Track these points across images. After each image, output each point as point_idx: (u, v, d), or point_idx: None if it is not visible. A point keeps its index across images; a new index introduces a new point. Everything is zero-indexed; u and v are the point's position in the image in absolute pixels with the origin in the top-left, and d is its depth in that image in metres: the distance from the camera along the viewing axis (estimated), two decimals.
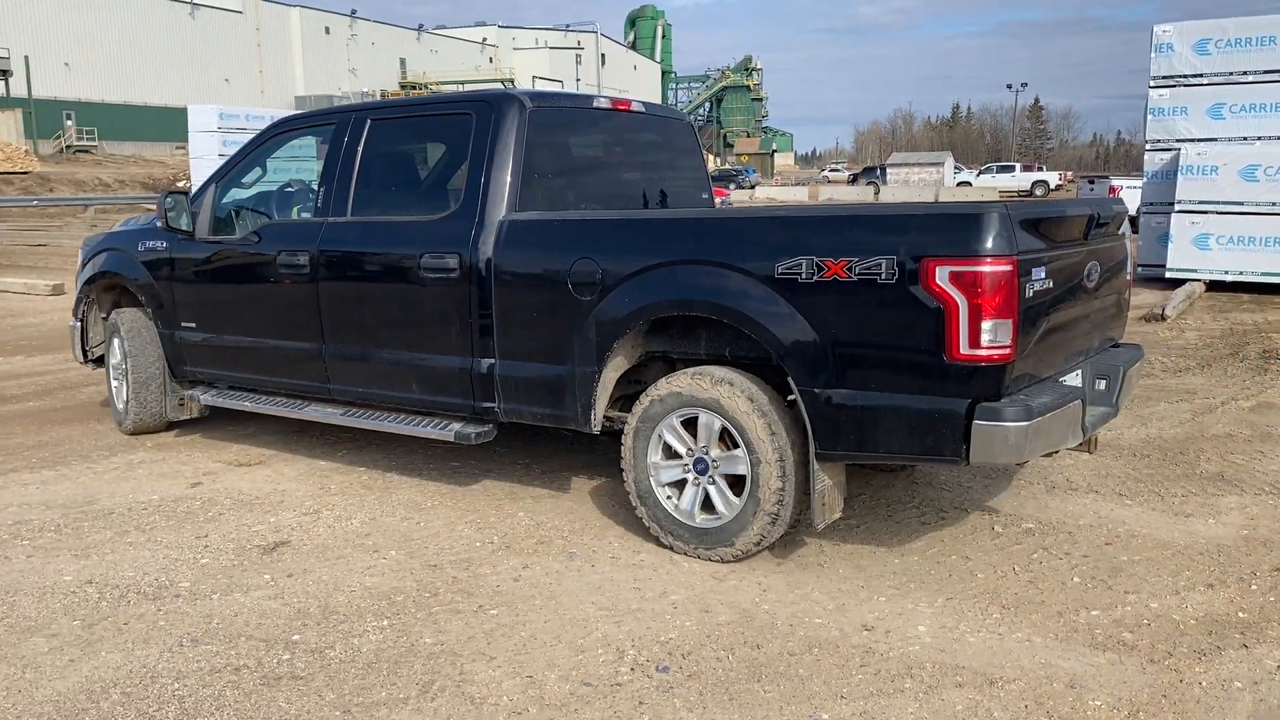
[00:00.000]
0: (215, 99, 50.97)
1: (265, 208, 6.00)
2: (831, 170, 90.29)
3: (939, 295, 3.64)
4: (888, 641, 3.56)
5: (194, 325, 6.00)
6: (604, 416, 4.62)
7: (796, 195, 50.59)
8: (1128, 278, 4.95)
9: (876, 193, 49.40)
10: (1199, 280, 12.84)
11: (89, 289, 6.63)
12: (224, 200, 5.93)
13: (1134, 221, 21.90)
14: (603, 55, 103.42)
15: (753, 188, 57.51)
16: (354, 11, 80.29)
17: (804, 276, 3.90)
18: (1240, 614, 3.74)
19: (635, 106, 5.83)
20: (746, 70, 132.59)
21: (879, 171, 59.89)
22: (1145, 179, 14.28)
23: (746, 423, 4.10)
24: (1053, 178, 58.47)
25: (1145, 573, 4.13)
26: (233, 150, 6.98)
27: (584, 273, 4.48)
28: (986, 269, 3.58)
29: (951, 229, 3.70)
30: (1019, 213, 3.73)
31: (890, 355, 3.81)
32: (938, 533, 4.62)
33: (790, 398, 4.13)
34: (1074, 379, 4.37)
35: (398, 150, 5.52)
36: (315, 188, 5.59)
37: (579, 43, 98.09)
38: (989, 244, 3.58)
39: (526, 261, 4.70)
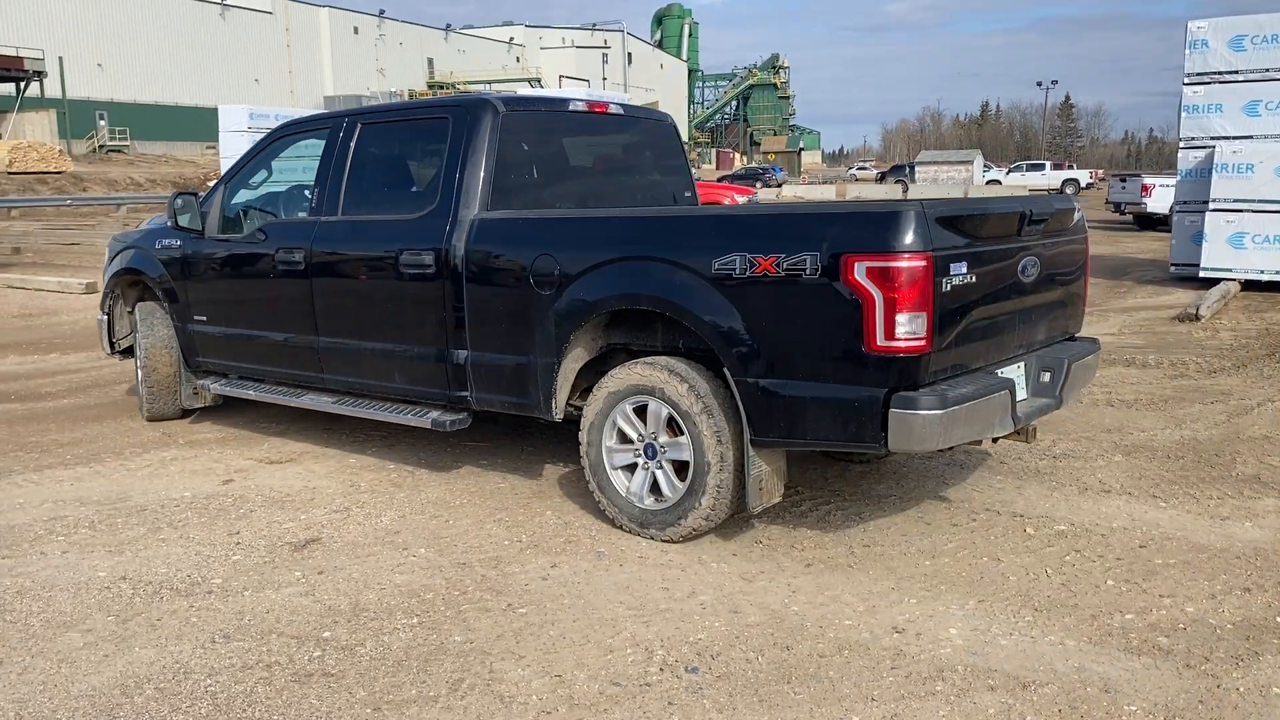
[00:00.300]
0: (245, 99, 51.42)
1: (273, 207, 6.23)
2: (859, 168, 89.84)
3: (857, 289, 3.83)
4: (918, 644, 3.54)
5: (205, 319, 6.35)
6: (568, 405, 4.85)
7: (823, 193, 50.35)
8: (1083, 273, 5.10)
9: (905, 191, 49.08)
10: (1234, 280, 12.66)
11: (114, 284, 6.98)
12: (234, 200, 6.23)
13: (1167, 220, 21.72)
14: (629, 54, 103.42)
15: (779, 186, 57.30)
16: (382, 11, 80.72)
17: (738, 272, 4.11)
18: (1279, 619, 3.69)
19: (613, 109, 6.04)
20: (774, 68, 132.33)
21: (907, 170, 59.51)
22: (1179, 177, 14.11)
23: (689, 410, 4.31)
24: (1083, 176, 57.92)
25: (1181, 576, 4.08)
26: None
27: (543, 269, 4.73)
28: (901, 264, 3.77)
29: (869, 227, 3.91)
30: (936, 210, 3.90)
31: (815, 346, 4.02)
32: (969, 535, 4.58)
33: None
34: (1015, 370, 4.51)
35: (384, 153, 5.75)
36: (310, 188, 5.87)
37: (605, 42, 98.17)
38: (903, 241, 3.77)
39: (494, 258, 4.95)
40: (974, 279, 4.05)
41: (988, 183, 52.70)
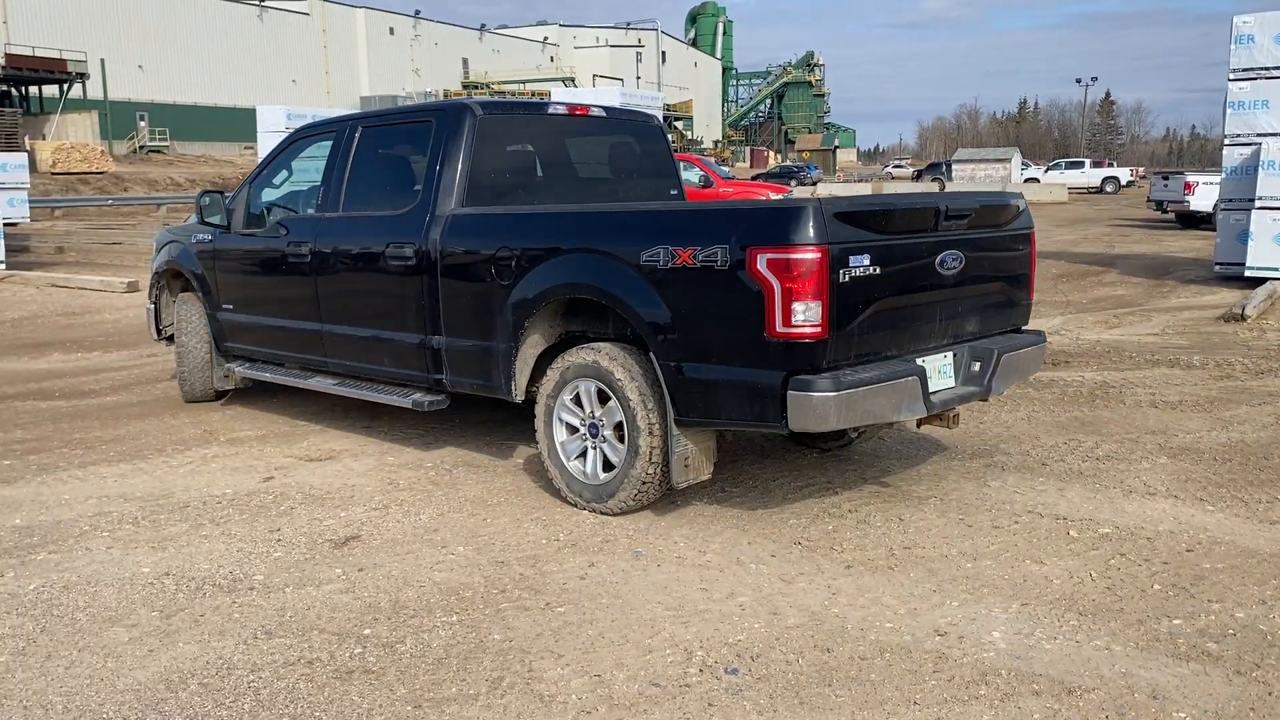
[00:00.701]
0: (283, 99, 51.91)
1: (291, 205, 6.62)
2: (895, 166, 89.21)
3: (760, 279, 4.12)
4: (961, 647, 3.50)
5: (231, 307, 6.84)
6: (529, 388, 5.17)
7: (859, 191, 50.10)
8: (1026, 268, 5.28)
9: (942, 189, 48.71)
10: None
11: (159, 276, 7.50)
12: (257, 198, 6.69)
13: (1211, 218, 21.39)
14: (663, 53, 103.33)
15: (814, 184, 57.03)
16: (418, 12, 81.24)
17: (661, 264, 4.44)
18: None
19: (594, 111, 6.38)
20: (808, 66, 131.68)
21: (944, 168, 59.01)
22: (1224, 175, 13.88)
23: (624, 393, 4.63)
24: (1124, 173, 57.22)
25: (1229, 581, 4.01)
26: None
27: (503, 260, 5.11)
28: (796, 256, 4.05)
29: (771, 222, 4.21)
30: (835, 207, 4.19)
31: (725, 333, 4.32)
32: (1011, 537, 4.53)
33: None
34: (941, 359, 4.74)
35: (378, 154, 6.15)
36: (318, 187, 6.35)
37: (639, 41, 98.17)
38: (800, 235, 4.05)
39: (463, 251, 5.33)
40: (878, 271, 4.30)
41: (1025, 181, 52.12)
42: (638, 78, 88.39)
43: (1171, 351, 8.89)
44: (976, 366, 4.89)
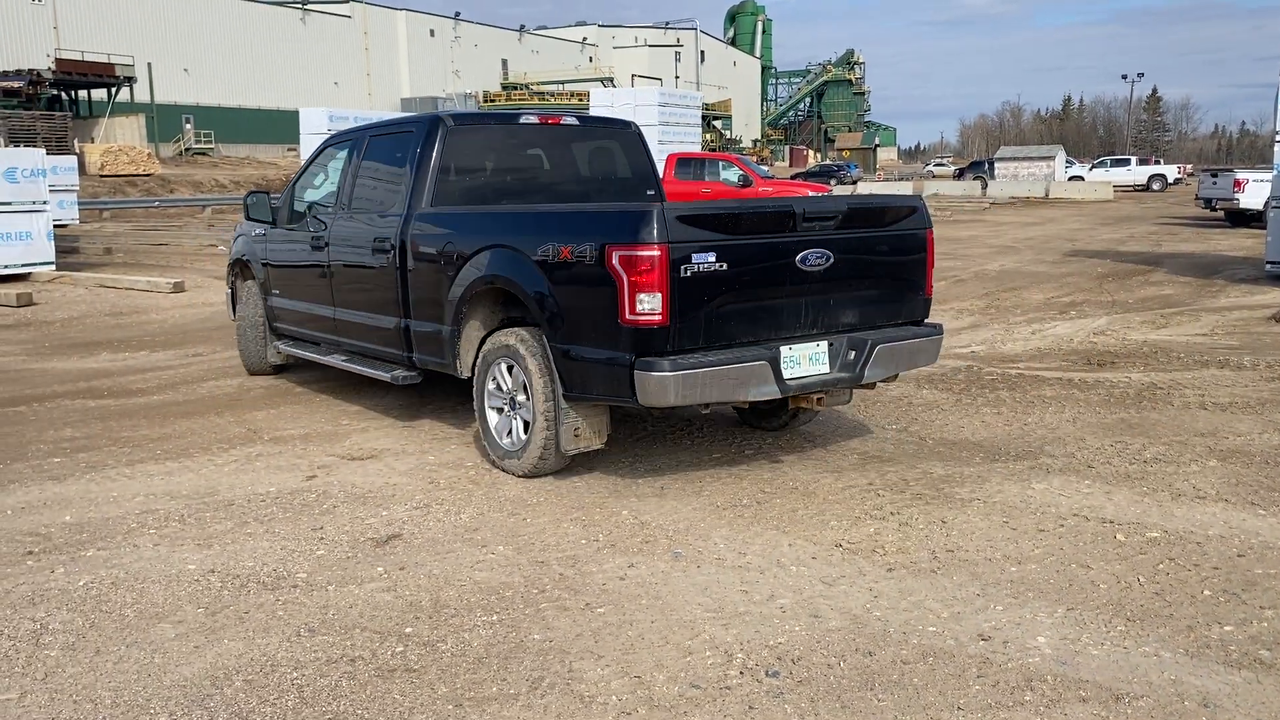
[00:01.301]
0: (325, 101, 52.51)
1: (325, 204, 7.28)
2: (936, 165, 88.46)
3: (614, 273, 4.71)
4: (1006, 652, 3.45)
5: (278, 292, 7.78)
6: (471, 366, 5.81)
7: (900, 190, 49.68)
8: (919, 264, 5.66)
9: (984, 187, 48.17)
10: None
11: (233, 265, 8.49)
12: (299, 199, 7.52)
13: (1261, 216, 20.95)
14: (702, 52, 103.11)
15: (854, 183, 56.66)
16: (458, 13, 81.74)
17: (550, 258, 5.07)
18: None
19: (566, 120, 7.10)
20: (848, 64, 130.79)
21: (986, 166, 58.40)
22: (1275, 171, 13.60)
23: (528, 370, 5.26)
24: (1171, 171, 56.29)
25: None
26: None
27: (449, 254, 5.80)
28: (640, 253, 4.64)
29: (623, 223, 4.78)
30: (677, 211, 4.76)
31: (593, 319, 4.91)
32: (1056, 540, 4.46)
33: None
34: (814, 347, 5.21)
35: (377, 160, 6.80)
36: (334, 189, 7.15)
37: (678, 40, 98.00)
38: (643, 235, 4.63)
39: (423, 245, 6.04)
40: (725, 267, 4.82)
41: (1070, 179, 51.45)
42: (676, 77, 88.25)
43: (1221, 352, 8.72)
44: (852, 355, 5.32)
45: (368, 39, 72.99)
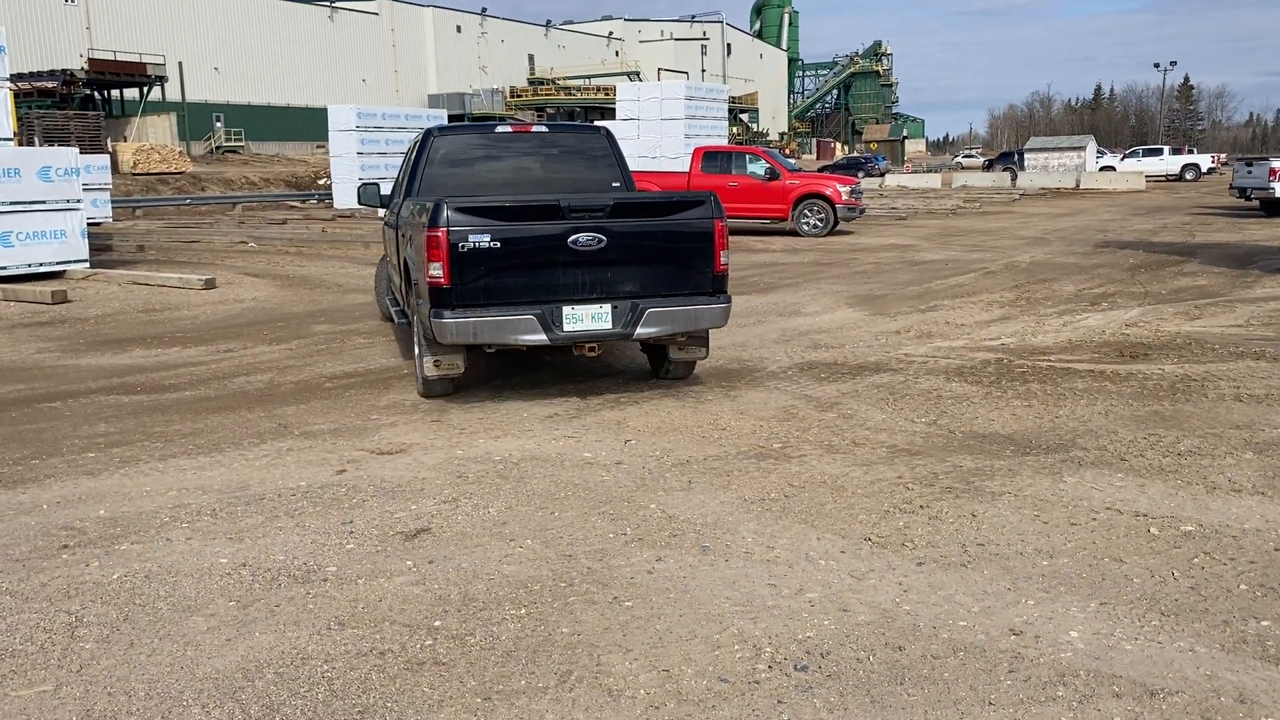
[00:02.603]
0: (353, 99, 52.77)
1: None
2: (965, 156, 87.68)
3: (425, 247, 6.49)
4: (1037, 647, 3.42)
5: (388, 263, 9.71)
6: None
7: (928, 183, 49.30)
8: (701, 246, 6.83)
9: (1013, 179, 47.74)
10: None
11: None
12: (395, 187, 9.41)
13: None
14: (728, 45, 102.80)
15: (882, 175, 56.29)
16: (484, 10, 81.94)
17: (416, 235, 6.89)
18: None
19: (535, 129, 8.72)
20: (875, 56, 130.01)
21: (1015, 157, 57.86)
22: None
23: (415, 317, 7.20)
24: (1204, 160, 55.56)
25: None
26: (369, 148, 16.53)
27: (400, 231, 7.92)
28: (430, 235, 6.43)
29: (431, 212, 6.46)
30: (459, 204, 6.51)
31: (421, 281, 6.71)
32: (1089, 534, 4.41)
33: None
34: (596, 308, 6.66)
35: (409, 158, 8.65)
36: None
37: (704, 34, 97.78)
38: (433, 220, 6.43)
39: (397, 225, 8.25)
40: (499, 245, 6.48)
41: (1101, 169, 50.87)
42: (703, 70, 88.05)
43: (1256, 343, 8.60)
44: (629, 315, 6.69)
45: (395, 36, 73.31)
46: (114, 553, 4.48)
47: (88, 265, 14.89)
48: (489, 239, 6.41)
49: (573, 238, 6.54)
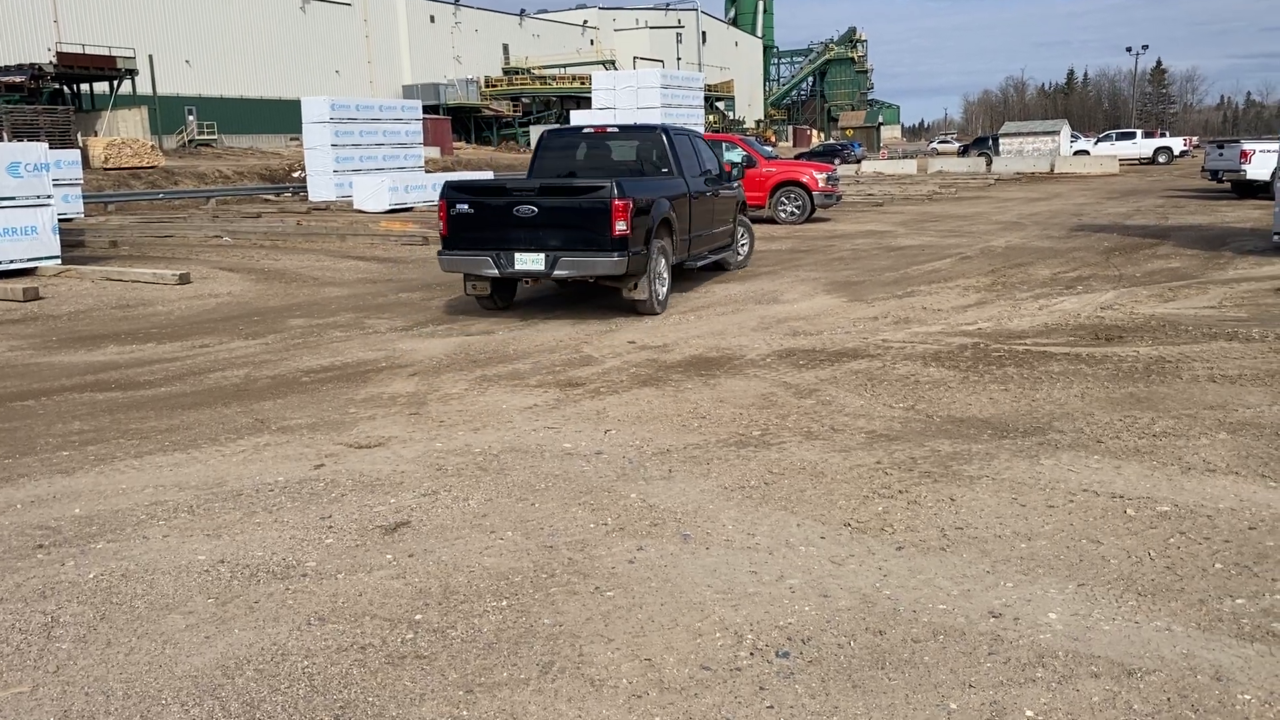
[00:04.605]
0: (327, 90, 52.38)
1: None
2: (941, 142, 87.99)
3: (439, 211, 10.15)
4: (1017, 629, 3.44)
5: None
6: None
7: (904, 169, 49.45)
8: (598, 219, 9.51)
9: (988, 164, 47.95)
10: None
11: None
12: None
13: (1269, 187, 20.80)
14: (703, 33, 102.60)
15: (858, 162, 56.38)
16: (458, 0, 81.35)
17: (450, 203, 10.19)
18: None
19: (609, 129, 12.40)
20: (850, 42, 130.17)
21: (990, 142, 58.09)
22: None
23: None
24: (1177, 143, 55.95)
25: None
26: (344, 139, 23.85)
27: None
28: (437, 201, 10.08)
29: (442, 188, 10.16)
30: (452, 183, 10.19)
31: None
32: (1066, 516, 4.45)
33: None
34: (535, 255, 9.65)
35: (534, 152, 12.38)
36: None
37: (679, 21, 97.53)
38: (440, 194, 10.04)
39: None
40: (472, 211, 9.83)
41: (1075, 153, 51.17)
42: (678, 59, 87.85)
43: (1229, 324, 8.68)
44: (552, 262, 9.62)
45: (368, 26, 72.72)
46: (90, 551, 4.44)
47: (59, 262, 14.72)
48: (466, 206, 9.88)
49: (516, 208, 9.68)
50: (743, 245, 14.26)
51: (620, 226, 9.39)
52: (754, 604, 3.71)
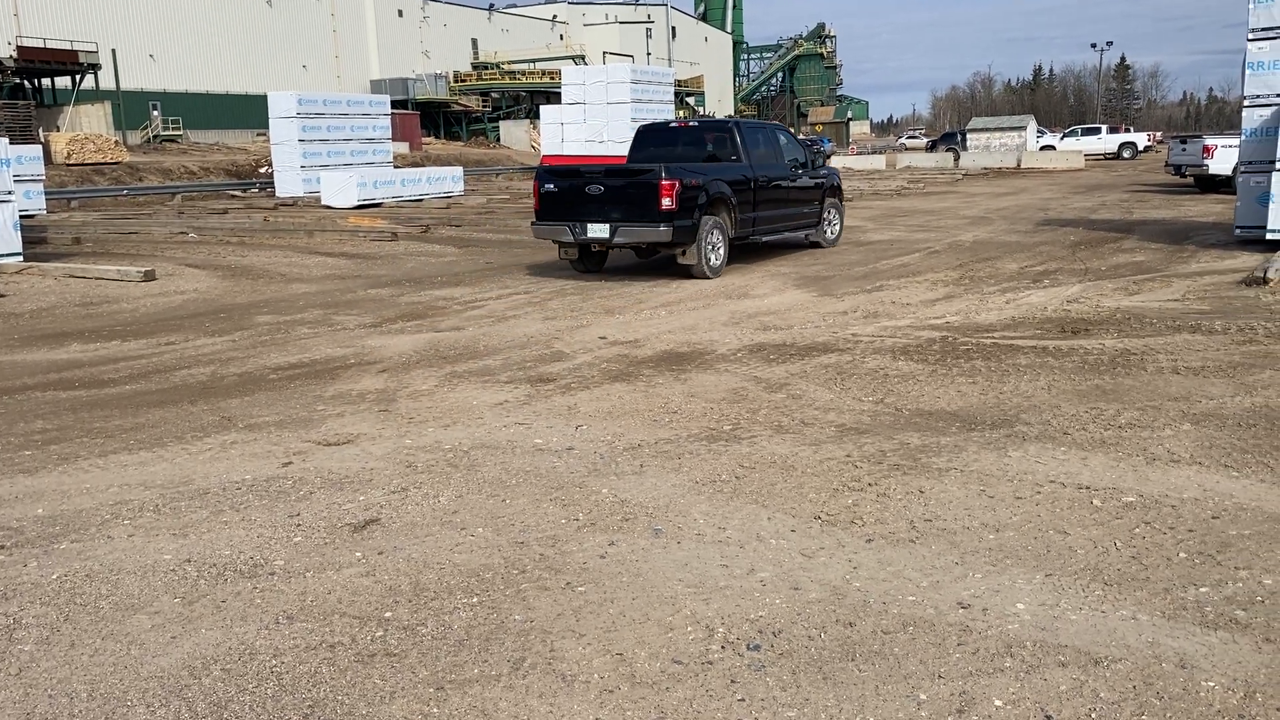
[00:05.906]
0: (294, 85, 51.88)
1: None
2: (909, 137, 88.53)
3: (535, 190, 12.93)
4: (985, 619, 3.47)
5: None
6: None
7: (873, 164, 49.71)
8: (654, 198, 11.59)
9: (956, 159, 48.28)
10: None
11: None
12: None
13: (1230, 182, 21.09)
14: (673, 28, 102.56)
15: (827, 158, 56.55)
16: None
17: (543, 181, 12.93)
18: None
19: (691, 123, 15.35)
20: (819, 38, 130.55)
21: (958, 138, 58.48)
22: (1243, 137, 13.69)
23: None
24: (1141, 139, 56.60)
25: (1257, 548, 3.96)
26: (311, 135, 18.75)
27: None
28: (534, 183, 12.94)
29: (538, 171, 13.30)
30: (547, 168, 13.16)
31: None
32: (1033, 507, 4.49)
33: None
34: (602, 225, 11.93)
35: (632, 142, 14.80)
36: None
37: (649, 16, 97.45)
38: (537, 177, 12.96)
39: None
40: (556, 190, 12.34)
41: (1041, 148, 51.62)
42: (648, 54, 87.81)
43: (1193, 317, 8.79)
44: (614, 230, 11.77)
45: (335, 20, 72.08)
46: (53, 552, 4.38)
47: (21, 259, 14.50)
48: (553, 186, 12.35)
49: (588, 187, 12.02)
50: (835, 226, 15.97)
51: (666, 203, 11.47)
52: (725, 597, 3.71)
